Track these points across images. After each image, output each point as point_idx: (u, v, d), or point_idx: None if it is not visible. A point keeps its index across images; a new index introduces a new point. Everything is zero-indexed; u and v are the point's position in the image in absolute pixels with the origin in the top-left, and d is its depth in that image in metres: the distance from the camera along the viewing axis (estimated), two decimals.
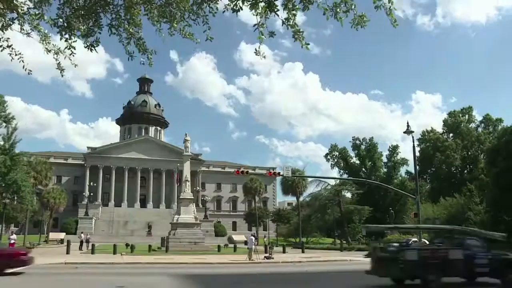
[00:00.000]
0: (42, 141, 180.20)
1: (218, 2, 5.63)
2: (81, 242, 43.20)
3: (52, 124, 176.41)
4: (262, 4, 5.42)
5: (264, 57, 5.78)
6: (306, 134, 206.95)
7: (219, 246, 42.30)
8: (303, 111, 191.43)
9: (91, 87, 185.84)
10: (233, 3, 5.43)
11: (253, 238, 30.40)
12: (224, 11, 5.62)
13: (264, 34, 5.50)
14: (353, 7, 5.43)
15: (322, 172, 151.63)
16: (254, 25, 5.46)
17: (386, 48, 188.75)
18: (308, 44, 5.66)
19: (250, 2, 5.41)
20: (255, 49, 5.71)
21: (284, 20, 5.53)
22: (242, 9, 5.49)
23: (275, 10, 5.45)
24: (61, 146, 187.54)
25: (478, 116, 79.40)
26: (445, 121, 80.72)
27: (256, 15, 5.41)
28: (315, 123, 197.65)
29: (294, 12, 5.47)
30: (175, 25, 5.90)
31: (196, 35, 6.18)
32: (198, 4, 5.74)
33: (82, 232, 41.93)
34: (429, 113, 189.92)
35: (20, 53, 6.23)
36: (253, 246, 29.31)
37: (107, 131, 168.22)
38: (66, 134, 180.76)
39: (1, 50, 6.10)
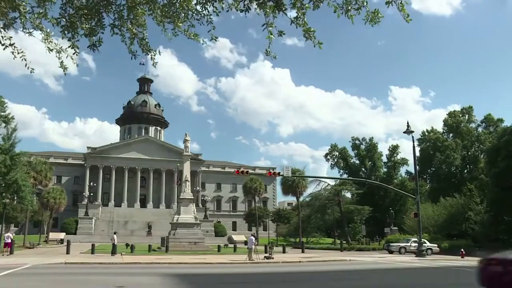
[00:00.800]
0: None
1: (223, 1, 5.59)
2: (114, 246, 33.64)
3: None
4: (270, 3, 5.37)
5: (275, 57, 5.72)
6: (287, 133, 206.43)
7: (219, 246, 42.28)
8: (280, 108, 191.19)
9: (60, 84, 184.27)
10: (240, 2, 5.39)
11: (253, 238, 30.37)
12: (228, 10, 5.58)
13: (273, 33, 5.43)
14: (365, 3, 5.35)
15: (311, 171, 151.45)
16: (263, 24, 5.40)
17: (358, 39, 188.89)
18: (321, 43, 5.56)
19: (258, 1, 5.36)
20: (266, 50, 5.63)
21: (293, 19, 5.45)
22: (250, 9, 5.43)
23: (284, 9, 5.39)
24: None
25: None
26: (445, 121, 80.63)
27: (265, 14, 5.35)
28: (294, 121, 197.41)
29: (303, 11, 5.40)
30: (180, 24, 5.86)
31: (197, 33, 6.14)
32: (202, 4, 5.71)
33: (115, 233, 34.73)
34: (410, 109, 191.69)
35: (22, 52, 6.21)
36: (253, 246, 29.28)
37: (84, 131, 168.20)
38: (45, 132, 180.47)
39: (4, 49, 6.07)
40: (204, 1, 5.69)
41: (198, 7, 5.76)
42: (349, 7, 5.33)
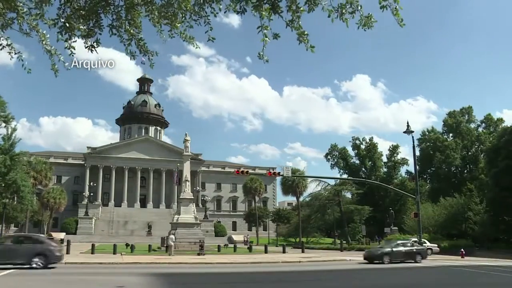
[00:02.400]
0: None
1: (221, 2, 5.59)
2: (168, 247, 33.98)
3: None
4: (266, 5, 5.38)
5: (267, 60, 5.72)
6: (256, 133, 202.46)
7: (219, 246, 42.31)
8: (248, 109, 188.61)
9: None
10: (236, 5, 5.39)
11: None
12: (225, 12, 5.58)
13: (268, 36, 5.44)
14: (359, 8, 5.38)
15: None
16: (258, 27, 5.41)
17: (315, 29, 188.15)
18: (313, 46, 5.60)
19: (254, 4, 5.36)
20: (259, 53, 5.64)
21: (288, 22, 5.47)
22: (246, 11, 5.44)
23: (279, 12, 5.39)
24: None
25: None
26: (445, 121, 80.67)
27: (260, 16, 5.36)
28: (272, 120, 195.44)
29: (298, 14, 5.42)
30: (177, 25, 5.86)
31: (194, 35, 6.14)
32: (199, 5, 5.71)
33: (174, 234, 35.63)
34: (376, 103, 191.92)
35: (19, 52, 6.22)
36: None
37: None
38: None
39: (1, 49, 6.08)
40: (201, 2, 5.69)
41: (196, 8, 5.77)
42: (344, 11, 5.35)
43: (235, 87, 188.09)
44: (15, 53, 6.17)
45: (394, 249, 26.78)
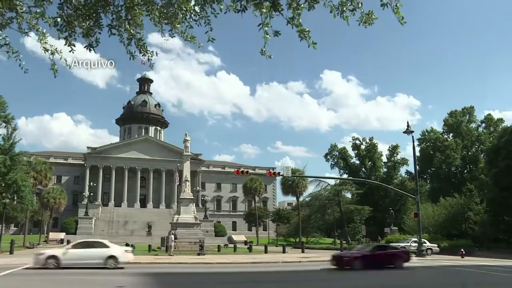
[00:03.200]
0: None
1: (222, 2, 5.58)
2: (167, 247, 34.61)
3: None
4: (267, 3, 5.37)
5: (270, 57, 5.71)
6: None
7: (219, 246, 42.34)
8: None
9: None
10: (237, 4, 5.38)
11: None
12: (226, 12, 5.57)
13: (268, 33, 5.43)
14: (360, 5, 5.37)
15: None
16: (259, 24, 5.41)
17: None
18: (316, 43, 5.58)
19: (254, 2, 5.35)
20: (261, 49, 5.63)
21: (289, 20, 5.46)
22: (246, 9, 5.43)
23: (280, 9, 5.39)
24: None
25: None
26: (445, 121, 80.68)
27: (261, 14, 5.35)
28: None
29: (299, 11, 5.41)
30: (177, 25, 5.84)
31: (196, 35, 6.13)
32: (200, 5, 5.70)
33: (173, 234, 35.80)
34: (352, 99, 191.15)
35: (17, 52, 6.19)
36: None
37: None
38: None
39: None
40: (202, 2, 5.68)
41: (197, 8, 5.75)
42: (344, 8, 5.34)
43: (205, 83, 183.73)
44: (13, 53, 6.15)
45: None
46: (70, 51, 6.02)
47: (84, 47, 5.97)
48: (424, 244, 35.48)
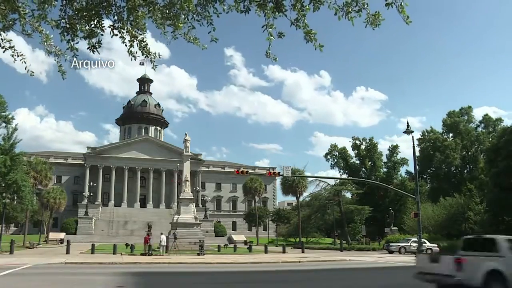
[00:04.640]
0: None
1: (224, 3, 5.56)
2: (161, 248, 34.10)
3: None
4: (270, 4, 5.34)
5: (276, 59, 5.68)
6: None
7: (219, 246, 42.34)
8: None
9: None
10: (240, 3, 5.36)
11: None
12: (228, 12, 5.57)
13: (273, 34, 5.41)
14: (365, 6, 5.29)
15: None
16: (263, 26, 5.38)
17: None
18: (322, 46, 5.51)
19: (257, 2, 5.32)
20: (266, 52, 5.60)
21: (294, 21, 5.41)
22: (250, 10, 5.41)
23: (284, 10, 5.35)
24: None
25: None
26: (444, 121, 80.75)
27: (265, 15, 5.33)
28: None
29: (303, 12, 5.35)
30: (180, 25, 5.83)
31: (197, 34, 6.12)
32: (202, 5, 5.69)
33: (165, 235, 35.79)
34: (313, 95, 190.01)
35: (22, 54, 6.20)
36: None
37: None
38: None
39: (4, 51, 6.07)
40: (204, 2, 5.67)
41: (199, 8, 5.75)
42: (350, 9, 5.27)
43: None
44: (18, 55, 6.16)
45: None
46: (73, 56, 6.04)
47: (87, 48, 5.98)
48: (424, 244, 35.49)
